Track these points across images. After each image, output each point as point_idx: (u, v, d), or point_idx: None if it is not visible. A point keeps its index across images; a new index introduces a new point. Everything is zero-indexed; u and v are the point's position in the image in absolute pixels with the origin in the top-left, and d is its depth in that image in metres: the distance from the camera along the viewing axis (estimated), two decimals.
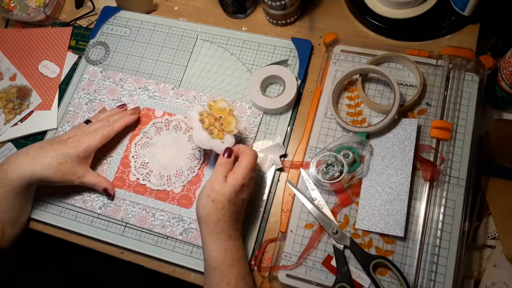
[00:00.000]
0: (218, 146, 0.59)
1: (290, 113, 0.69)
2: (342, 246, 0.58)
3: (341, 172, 0.59)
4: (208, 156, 0.67)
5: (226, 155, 0.57)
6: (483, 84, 0.63)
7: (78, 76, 0.78)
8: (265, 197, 0.64)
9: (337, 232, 0.58)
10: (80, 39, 0.82)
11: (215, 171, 0.57)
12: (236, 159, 0.59)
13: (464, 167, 0.60)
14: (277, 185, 0.65)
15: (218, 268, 0.54)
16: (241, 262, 0.55)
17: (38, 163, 0.60)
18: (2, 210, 0.61)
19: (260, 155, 0.66)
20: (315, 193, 0.61)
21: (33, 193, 0.66)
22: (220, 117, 0.61)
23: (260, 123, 0.69)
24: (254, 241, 0.62)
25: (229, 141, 0.59)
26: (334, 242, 0.58)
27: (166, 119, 0.71)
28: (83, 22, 0.84)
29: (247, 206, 0.62)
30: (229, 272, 0.53)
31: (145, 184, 0.67)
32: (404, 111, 0.64)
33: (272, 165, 0.65)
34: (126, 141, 0.71)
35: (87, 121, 0.68)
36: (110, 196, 0.66)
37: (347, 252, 0.58)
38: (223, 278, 0.53)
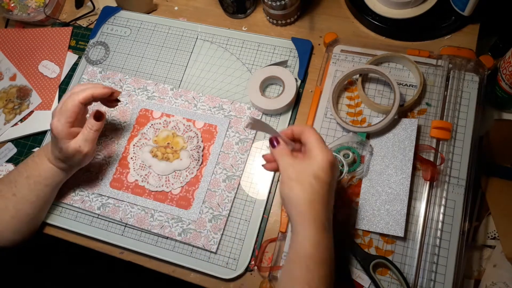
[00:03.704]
0: (179, 164, 0.67)
1: (290, 113, 0.69)
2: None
3: (341, 172, 0.59)
4: (206, 157, 0.67)
5: (274, 144, 0.50)
6: (483, 84, 0.63)
7: (78, 76, 0.78)
8: (265, 197, 0.64)
9: None
10: (80, 39, 0.82)
11: (279, 164, 0.50)
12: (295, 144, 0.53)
13: (464, 167, 0.60)
14: (277, 185, 0.65)
15: (304, 261, 0.46)
16: (329, 261, 0.47)
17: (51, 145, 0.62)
18: (27, 201, 0.62)
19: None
20: None
21: (56, 191, 0.66)
22: (168, 143, 0.68)
23: None
24: (254, 241, 0.62)
25: (185, 155, 0.67)
26: None
27: (165, 120, 0.71)
28: (83, 22, 0.84)
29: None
30: (314, 271, 0.46)
31: (143, 186, 0.67)
32: (404, 111, 0.64)
33: None
34: (124, 142, 0.71)
35: None
36: (103, 116, 0.62)
37: (347, 252, 0.58)
38: (307, 275, 0.45)
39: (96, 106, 0.68)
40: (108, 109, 0.72)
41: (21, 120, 0.77)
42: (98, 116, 0.61)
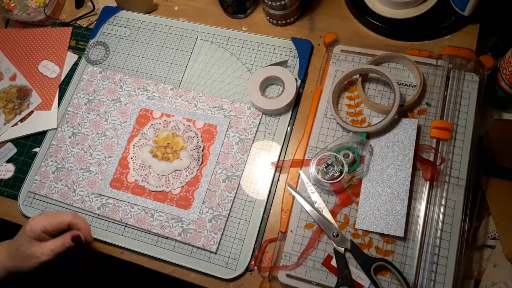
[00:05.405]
0: (179, 164, 0.67)
1: (290, 113, 0.69)
2: (343, 249, 0.58)
3: (341, 172, 0.59)
4: (206, 157, 0.67)
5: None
6: (483, 84, 0.63)
7: (77, 76, 0.78)
8: (265, 197, 0.64)
9: (337, 235, 0.58)
10: (80, 39, 0.82)
11: None
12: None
13: (464, 167, 0.59)
14: (277, 185, 0.65)
15: None
16: None
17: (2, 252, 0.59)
18: None
19: None
20: (315, 197, 0.61)
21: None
22: (168, 143, 0.68)
23: (259, 123, 0.69)
24: (254, 241, 0.62)
25: (185, 155, 0.67)
26: (335, 245, 0.58)
27: (165, 120, 0.71)
28: (83, 22, 0.84)
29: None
30: None
31: (143, 186, 0.67)
32: (404, 111, 0.64)
33: None
34: (124, 142, 0.71)
35: None
36: (81, 242, 0.59)
37: (348, 254, 0.58)
38: None
39: None
40: (109, 109, 0.73)
41: (21, 120, 0.77)
42: (77, 239, 0.59)
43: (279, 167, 0.66)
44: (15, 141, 0.76)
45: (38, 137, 0.76)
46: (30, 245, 0.57)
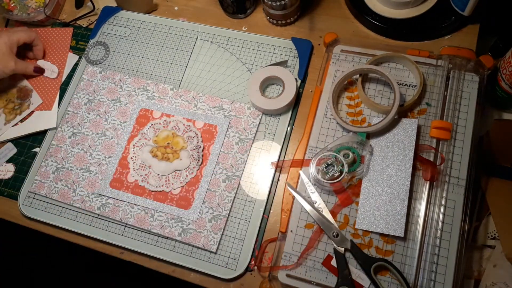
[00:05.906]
0: (179, 164, 0.67)
1: (290, 113, 0.69)
2: (343, 249, 0.58)
3: (341, 172, 0.59)
4: (206, 157, 0.67)
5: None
6: (483, 84, 0.63)
7: (77, 76, 0.78)
8: (265, 197, 0.64)
9: (337, 235, 0.58)
10: (80, 39, 0.82)
11: None
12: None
13: (464, 167, 0.60)
14: (277, 185, 0.65)
15: None
16: None
17: None
18: None
19: None
20: (315, 197, 0.61)
21: None
22: (168, 143, 0.68)
23: (259, 123, 0.69)
24: (254, 241, 0.62)
25: (185, 155, 0.67)
26: (335, 245, 0.58)
27: (165, 120, 0.71)
28: (83, 22, 0.84)
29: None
30: None
31: (144, 186, 0.67)
32: (404, 111, 0.64)
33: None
34: (124, 142, 0.71)
35: None
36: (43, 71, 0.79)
37: (348, 254, 0.58)
38: None
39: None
40: (109, 109, 0.73)
41: (22, 120, 0.77)
42: (37, 70, 0.79)
43: (279, 167, 0.66)
44: (15, 141, 0.76)
45: (38, 137, 0.76)
46: (9, 58, 0.74)
